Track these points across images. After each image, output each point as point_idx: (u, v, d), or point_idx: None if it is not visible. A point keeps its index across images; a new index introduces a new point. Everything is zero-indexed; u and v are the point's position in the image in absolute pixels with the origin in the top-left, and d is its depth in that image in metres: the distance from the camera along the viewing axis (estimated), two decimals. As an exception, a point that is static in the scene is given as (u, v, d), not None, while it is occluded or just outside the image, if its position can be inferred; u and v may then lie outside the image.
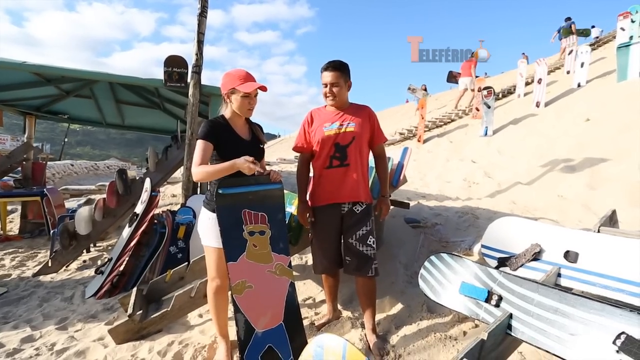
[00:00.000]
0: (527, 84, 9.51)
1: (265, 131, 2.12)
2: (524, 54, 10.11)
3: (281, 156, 10.90)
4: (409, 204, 3.16)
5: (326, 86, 2.01)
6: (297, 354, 1.69)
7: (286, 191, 2.14)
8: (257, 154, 1.87)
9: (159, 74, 4.17)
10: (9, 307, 2.87)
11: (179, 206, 3.77)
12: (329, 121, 2.04)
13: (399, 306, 2.33)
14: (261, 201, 1.82)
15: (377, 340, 1.94)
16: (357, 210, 2.01)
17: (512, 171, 5.09)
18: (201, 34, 3.92)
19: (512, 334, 1.30)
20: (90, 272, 3.65)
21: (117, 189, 4.30)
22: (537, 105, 7.53)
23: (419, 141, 8.66)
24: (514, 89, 10.01)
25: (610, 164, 4.08)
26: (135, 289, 2.43)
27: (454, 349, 1.81)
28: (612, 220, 1.98)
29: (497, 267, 1.81)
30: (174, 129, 5.57)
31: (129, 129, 7.46)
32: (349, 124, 2.01)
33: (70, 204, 6.50)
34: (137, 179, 4.71)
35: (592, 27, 12.88)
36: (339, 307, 2.36)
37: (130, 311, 2.20)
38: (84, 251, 4.19)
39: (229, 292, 1.80)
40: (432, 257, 1.68)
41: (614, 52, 7.26)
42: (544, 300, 1.30)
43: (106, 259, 3.47)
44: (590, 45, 10.33)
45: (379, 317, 2.21)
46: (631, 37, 7.55)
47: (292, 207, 2.48)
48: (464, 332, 1.94)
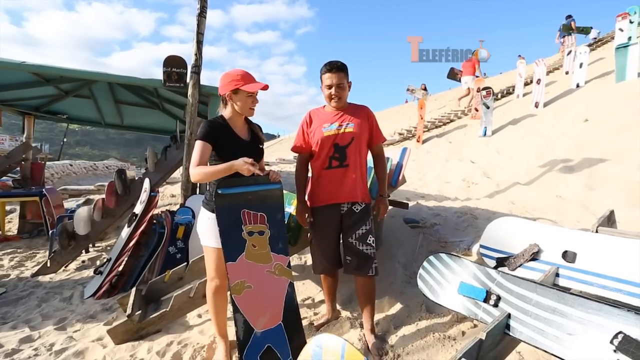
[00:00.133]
0: (526, 84, 9.53)
1: (264, 131, 2.13)
2: (520, 56, 10.10)
3: (280, 156, 10.89)
4: (407, 204, 3.16)
5: (330, 88, 1.99)
6: (296, 354, 1.69)
7: (285, 191, 2.14)
8: (256, 154, 1.88)
9: (158, 74, 4.17)
10: (7, 308, 2.86)
11: (178, 206, 3.77)
12: (328, 122, 2.04)
13: (398, 306, 2.33)
14: (260, 201, 1.82)
15: (375, 340, 1.94)
16: (356, 209, 2.01)
17: (511, 171, 5.10)
18: (200, 34, 3.92)
19: (511, 334, 1.31)
20: (89, 272, 3.64)
21: (116, 189, 4.29)
22: (536, 105, 7.54)
23: (418, 141, 8.67)
24: (513, 89, 10.03)
25: (608, 165, 4.08)
26: (134, 289, 2.43)
27: (453, 348, 1.82)
28: (610, 220, 1.99)
29: (495, 267, 1.81)
30: (173, 129, 5.56)
31: (128, 129, 7.45)
32: (348, 124, 2.01)
33: (69, 204, 6.49)
34: (136, 179, 4.71)
35: (590, 28, 12.89)
36: (338, 307, 2.36)
37: (129, 311, 2.20)
38: (83, 251, 4.19)
39: (228, 292, 1.80)
40: (431, 257, 1.69)
41: (612, 52, 7.27)
42: (542, 300, 1.30)
43: (105, 259, 3.46)
44: (588, 45, 10.35)
45: (377, 317, 2.21)
46: (629, 38, 7.56)
47: (291, 207, 2.48)
48: (463, 332, 1.95)
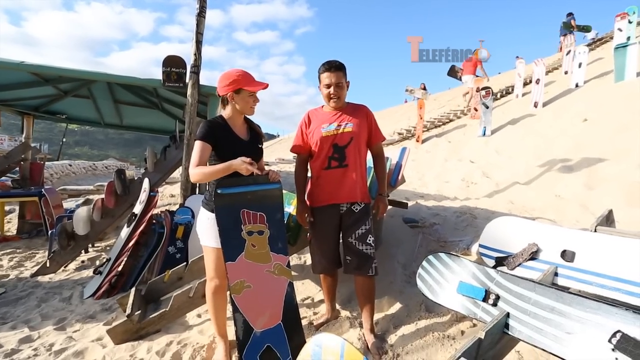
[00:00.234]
0: (525, 84, 9.54)
1: (264, 131, 2.13)
2: (517, 57, 10.05)
3: (280, 156, 10.89)
4: (407, 204, 3.17)
5: (329, 87, 1.98)
6: (295, 353, 1.69)
7: (285, 191, 2.15)
8: (256, 154, 1.88)
9: (157, 74, 4.17)
10: (7, 308, 2.86)
11: (177, 206, 3.77)
12: (327, 122, 2.03)
13: (398, 306, 2.34)
14: (260, 201, 1.82)
15: (375, 339, 1.95)
16: (356, 209, 2.01)
17: (510, 171, 5.11)
18: (200, 34, 3.92)
19: (510, 333, 1.31)
20: (88, 272, 3.64)
21: (116, 189, 4.29)
22: (535, 105, 7.55)
23: (418, 141, 8.68)
24: (512, 89, 10.04)
25: (607, 164, 4.09)
26: (133, 289, 2.43)
27: (452, 348, 1.82)
28: (608, 219, 1.99)
29: (494, 267, 1.82)
30: (173, 129, 5.56)
31: (128, 129, 7.45)
32: (346, 124, 2.01)
33: (68, 204, 6.48)
34: (136, 179, 4.71)
35: (590, 27, 12.87)
36: (338, 306, 2.36)
37: (128, 311, 2.20)
38: (82, 251, 4.19)
39: (228, 292, 1.80)
40: (430, 257, 1.69)
41: (611, 52, 7.28)
42: (541, 299, 1.30)
43: (104, 259, 3.46)
44: (587, 45, 10.36)
45: (377, 316, 2.22)
46: (628, 38, 7.57)
47: (291, 207, 2.48)
48: (462, 332, 1.95)
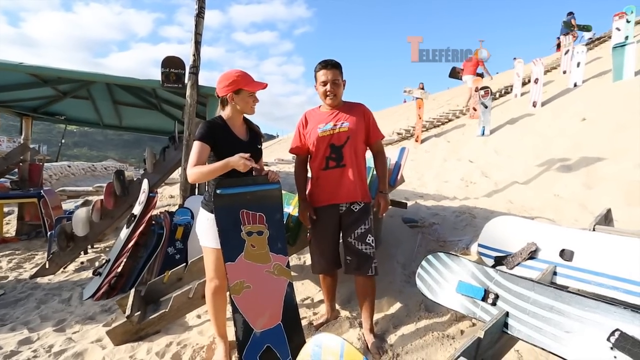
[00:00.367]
0: (524, 83, 9.55)
1: (263, 131, 2.13)
2: (515, 58, 10.05)
3: (279, 156, 10.89)
4: (406, 204, 3.17)
5: (325, 84, 1.98)
6: (295, 353, 1.69)
7: (284, 191, 2.15)
8: (255, 154, 1.88)
9: (156, 74, 4.16)
10: (6, 310, 2.85)
11: (176, 207, 3.77)
12: (323, 122, 2.04)
13: (397, 305, 2.34)
14: (259, 201, 1.83)
15: (375, 339, 1.95)
16: (355, 209, 2.01)
17: (509, 171, 5.11)
18: (198, 34, 3.92)
19: (509, 332, 1.31)
20: (87, 273, 3.64)
21: (115, 190, 4.29)
22: (534, 105, 7.56)
23: (417, 141, 8.68)
24: (511, 89, 10.05)
25: (606, 163, 4.10)
26: (133, 290, 2.43)
27: (452, 347, 1.82)
28: (607, 218, 2.00)
29: (493, 266, 1.82)
30: (172, 129, 5.56)
31: (127, 130, 7.43)
32: (342, 123, 2.00)
33: (67, 205, 6.48)
34: (135, 180, 4.71)
35: (590, 26, 12.86)
36: (337, 307, 2.37)
37: (128, 312, 2.20)
38: (82, 253, 4.18)
39: (227, 293, 1.80)
40: (430, 257, 1.69)
41: (609, 52, 7.30)
42: (540, 298, 1.31)
43: (104, 261, 3.46)
44: (585, 45, 10.38)
45: (377, 316, 2.22)
46: (626, 37, 7.59)
47: (290, 207, 2.49)
48: (462, 331, 1.96)
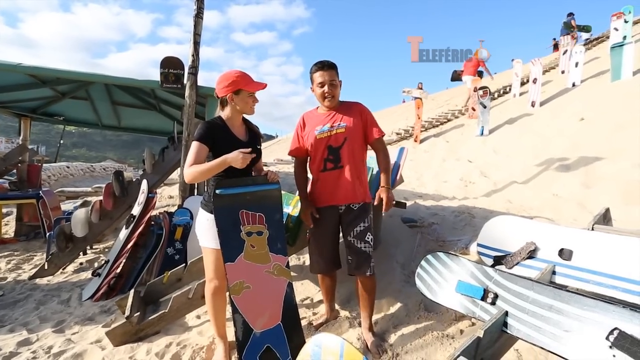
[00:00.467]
0: (523, 83, 9.57)
1: (262, 132, 2.13)
2: (513, 60, 10.08)
3: (278, 157, 10.89)
4: (405, 204, 3.17)
5: (323, 86, 1.97)
6: (295, 353, 1.69)
7: (283, 192, 2.15)
8: (254, 154, 1.88)
9: (155, 75, 4.17)
10: (4, 311, 2.85)
11: (176, 207, 3.76)
12: (320, 124, 2.03)
13: (397, 305, 2.34)
14: (259, 202, 1.83)
15: (374, 339, 1.95)
16: (355, 207, 2.00)
17: (507, 170, 5.12)
18: (197, 35, 3.92)
19: (508, 332, 1.32)
20: (87, 274, 3.63)
21: (114, 191, 4.28)
22: (533, 104, 7.58)
23: (416, 141, 8.69)
24: (510, 89, 10.07)
25: (604, 163, 4.11)
26: (132, 291, 2.42)
27: (451, 347, 1.83)
28: (605, 218, 2.00)
29: (493, 266, 1.83)
30: (171, 130, 5.55)
31: (125, 130, 7.43)
32: (339, 124, 1.99)
33: (66, 206, 6.47)
34: (134, 180, 4.70)
35: (590, 26, 12.86)
36: (337, 306, 2.37)
37: (127, 313, 2.19)
38: (81, 253, 4.17)
39: (227, 293, 1.80)
40: (429, 256, 1.70)
41: (607, 52, 7.32)
42: (539, 297, 1.31)
43: (103, 261, 3.45)
44: (583, 45, 10.41)
45: (376, 316, 2.22)
46: (624, 37, 7.62)
47: (290, 208, 2.49)
48: (461, 330, 1.96)
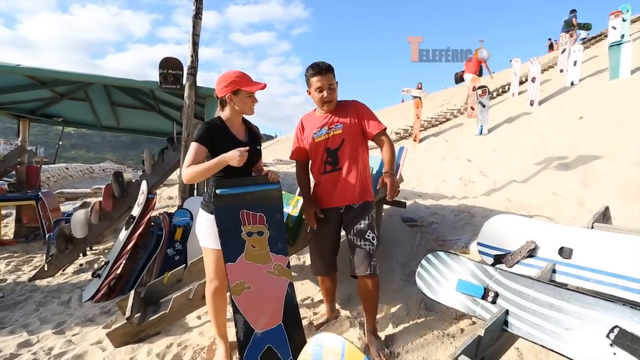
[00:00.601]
0: (521, 82, 9.58)
1: (261, 132, 2.13)
2: (511, 60, 10.09)
3: (278, 157, 10.90)
4: (405, 203, 3.18)
5: (322, 91, 1.94)
6: (296, 353, 1.70)
7: (283, 192, 2.15)
8: (254, 155, 1.88)
9: (154, 75, 4.18)
10: (4, 312, 2.84)
11: (175, 208, 3.76)
12: (318, 127, 2.03)
13: (397, 305, 2.34)
14: (259, 202, 1.83)
15: (377, 343, 1.90)
16: (355, 206, 1.99)
17: (507, 169, 5.13)
18: (196, 35, 3.92)
19: (509, 330, 1.32)
20: (87, 275, 3.63)
21: (114, 192, 4.28)
22: (531, 103, 7.59)
23: (415, 140, 8.70)
24: (508, 88, 10.08)
25: (603, 162, 4.12)
26: (132, 292, 2.42)
27: (452, 346, 1.83)
28: (605, 216, 2.01)
29: (493, 265, 1.83)
30: (170, 131, 5.55)
31: (124, 131, 7.43)
32: (336, 126, 1.98)
33: (65, 207, 6.46)
34: (134, 181, 4.70)
35: (590, 24, 12.84)
36: (337, 306, 2.37)
37: (128, 314, 2.19)
38: (81, 255, 4.17)
39: (228, 293, 1.80)
40: (429, 256, 1.70)
41: (605, 50, 7.34)
42: (539, 296, 1.31)
43: (103, 262, 3.45)
44: (581, 43, 10.43)
45: (377, 316, 2.20)
46: (622, 36, 7.63)
47: (289, 208, 2.49)
48: (462, 329, 1.96)
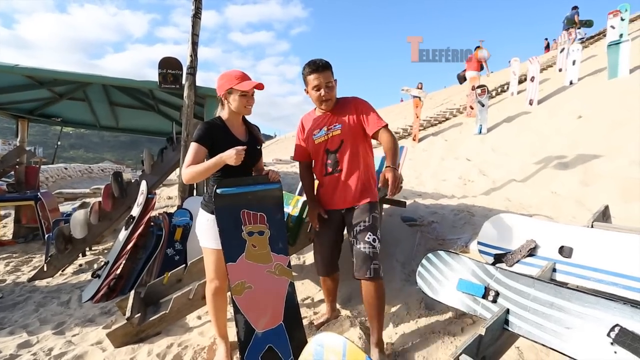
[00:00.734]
0: (520, 82, 9.60)
1: (261, 132, 2.12)
2: (510, 60, 10.11)
3: (277, 156, 10.90)
4: (405, 203, 3.18)
5: (319, 89, 1.89)
6: (297, 353, 1.70)
7: (283, 191, 2.14)
8: (254, 155, 1.88)
9: (152, 75, 4.18)
10: (4, 313, 2.84)
11: (175, 208, 3.76)
12: (317, 127, 2.01)
13: (397, 304, 2.34)
14: (260, 201, 1.83)
15: (380, 356, 1.79)
16: (356, 207, 1.96)
17: (506, 169, 5.13)
18: (195, 35, 3.91)
19: (510, 329, 1.32)
20: (86, 276, 3.62)
21: (113, 192, 4.27)
22: (530, 103, 7.60)
23: (414, 140, 8.70)
24: (507, 87, 10.10)
25: (602, 161, 4.12)
26: (132, 292, 2.42)
27: (452, 345, 1.83)
28: (605, 215, 2.01)
29: (493, 264, 1.83)
30: (169, 131, 5.54)
31: (124, 131, 7.41)
32: (335, 126, 1.95)
33: (64, 207, 6.46)
34: (133, 181, 4.69)
35: (592, 21, 12.84)
36: (338, 306, 2.37)
37: (128, 314, 2.19)
38: (80, 255, 4.16)
39: (229, 293, 1.80)
40: (429, 255, 1.70)
41: (604, 49, 7.35)
42: (539, 295, 1.32)
43: (102, 263, 3.45)
44: (580, 43, 10.44)
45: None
46: (621, 35, 7.64)
47: (290, 207, 2.49)
48: (462, 329, 1.96)
